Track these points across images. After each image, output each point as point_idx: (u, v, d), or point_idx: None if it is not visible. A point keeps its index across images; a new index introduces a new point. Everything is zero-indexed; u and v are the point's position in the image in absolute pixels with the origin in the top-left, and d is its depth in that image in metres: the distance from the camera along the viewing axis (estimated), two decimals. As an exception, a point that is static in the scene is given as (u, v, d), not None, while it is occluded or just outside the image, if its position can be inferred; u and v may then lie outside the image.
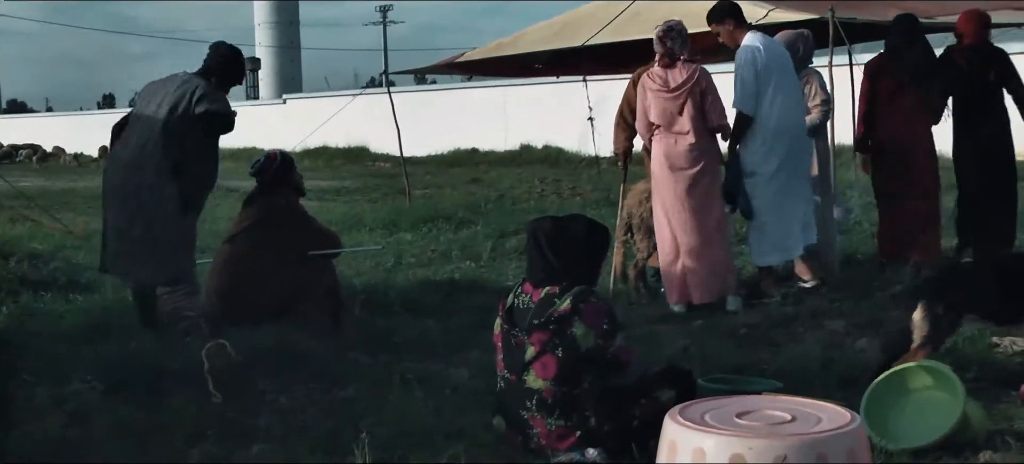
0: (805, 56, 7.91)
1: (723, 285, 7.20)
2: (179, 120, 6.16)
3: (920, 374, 4.56)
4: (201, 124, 6.19)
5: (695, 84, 7.02)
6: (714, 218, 7.18)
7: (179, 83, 6.33)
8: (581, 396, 4.16)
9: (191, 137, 6.18)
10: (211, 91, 6.28)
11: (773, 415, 3.57)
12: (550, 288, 4.25)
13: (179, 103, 6.20)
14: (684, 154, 7.07)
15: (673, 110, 7.06)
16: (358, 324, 6.56)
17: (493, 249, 9.94)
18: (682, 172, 7.10)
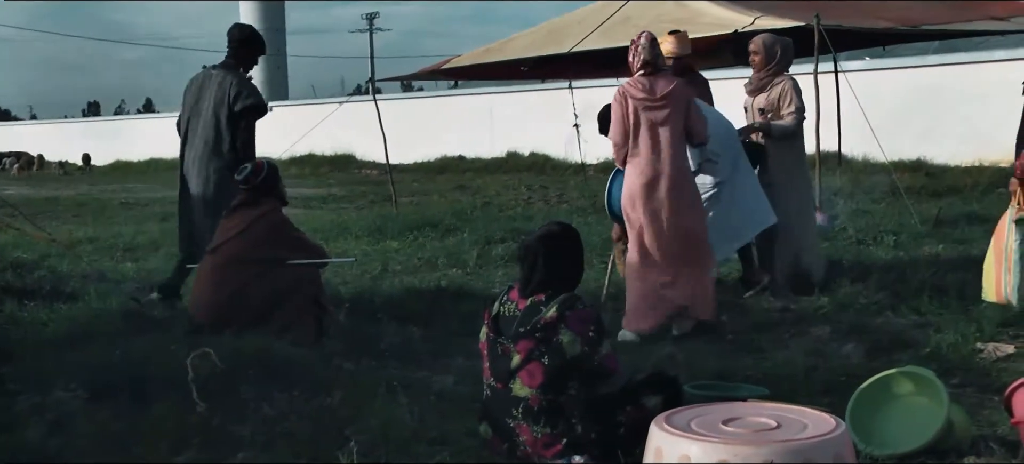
0: (783, 62, 7.80)
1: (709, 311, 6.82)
2: (227, 117, 7.14)
3: (904, 380, 4.57)
4: (242, 117, 7.15)
5: (681, 95, 6.69)
6: (701, 241, 6.84)
7: (216, 82, 7.20)
8: (567, 403, 4.16)
9: (238, 128, 7.18)
10: (243, 84, 7.20)
11: (758, 422, 3.57)
12: (536, 296, 4.25)
13: (222, 101, 7.14)
14: (676, 173, 6.68)
15: (657, 121, 6.66)
16: (343, 331, 6.54)
17: (479, 256, 9.94)
18: (679, 189, 6.71)
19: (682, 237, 6.73)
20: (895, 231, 10.37)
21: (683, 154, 6.77)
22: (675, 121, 6.65)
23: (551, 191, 18.01)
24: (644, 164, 6.70)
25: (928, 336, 6.28)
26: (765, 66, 7.75)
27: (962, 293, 7.16)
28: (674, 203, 6.68)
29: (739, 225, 7.54)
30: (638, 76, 6.74)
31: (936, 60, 19.18)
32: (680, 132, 6.68)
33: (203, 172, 7.25)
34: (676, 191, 6.68)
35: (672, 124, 6.64)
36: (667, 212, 6.68)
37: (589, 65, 12.56)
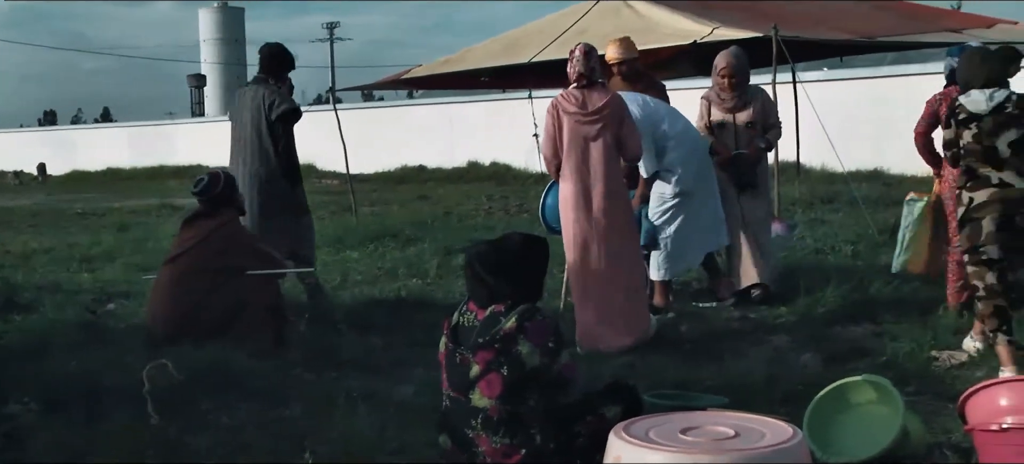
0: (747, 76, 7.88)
1: (638, 328, 6.65)
2: (267, 126, 7.52)
3: (862, 389, 4.61)
4: (280, 125, 7.53)
5: (615, 110, 6.53)
6: (632, 258, 6.75)
7: (252, 95, 7.64)
8: (526, 414, 4.15)
9: (277, 135, 7.54)
10: (275, 93, 7.59)
11: (717, 431, 3.59)
12: (495, 307, 4.24)
13: (261, 112, 7.53)
14: (603, 185, 6.54)
15: (589, 135, 6.52)
16: (302, 342, 6.51)
17: (440, 266, 9.93)
18: (595, 209, 6.56)
19: (614, 254, 6.60)
20: (853, 240, 10.45)
21: (616, 169, 6.63)
22: (607, 136, 6.52)
23: (512, 201, 18.01)
24: (575, 178, 6.58)
25: (884, 345, 6.33)
26: (744, 84, 7.78)
27: (918, 302, 7.23)
28: (604, 220, 6.56)
29: (691, 246, 7.58)
30: (571, 89, 6.61)
31: (892, 71, 19.39)
32: (612, 147, 6.55)
33: (254, 181, 7.51)
34: (607, 208, 6.56)
35: (603, 138, 6.52)
36: (598, 228, 6.57)
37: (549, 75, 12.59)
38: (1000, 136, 5.67)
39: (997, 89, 5.73)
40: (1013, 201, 5.65)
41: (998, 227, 5.67)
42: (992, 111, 5.68)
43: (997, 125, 5.67)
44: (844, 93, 18.65)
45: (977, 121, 5.72)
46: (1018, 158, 5.66)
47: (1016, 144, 5.66)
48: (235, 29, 68.84)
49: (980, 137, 5.71)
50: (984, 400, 4.19)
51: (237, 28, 69.09)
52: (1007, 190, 5.65)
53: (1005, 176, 5.66)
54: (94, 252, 11.88)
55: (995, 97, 5.69)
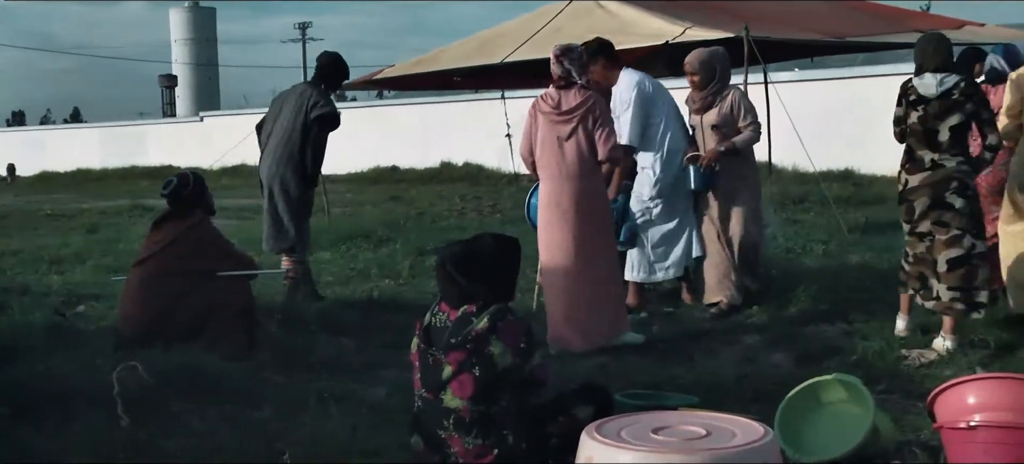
0: (725, 75, 7.59)
1: (609, 330, 6.66)
2: (302, 124, 7.83)
3: (833, 387, 4.63)
4: (316, 126, 7.84)
5: (588, 110, 6.50)
6: (604, 260, 6.70)
7: (298, 93, 7.98)
8: (499, 415, 4.15)
9: (311, 136, 7.85)
10: (320, 97, 7.89)
11: (688, 430, 3.59)
12: (467, 307, 4.23)
13: (300, 110, 7.86)
14: (576, 188, 6.54)
15: (562, 135, 6.52)
16: (274, 344, 6.48)
17: (412, 267, 9.92)
18: (579, 205, 6.56)
19: (585, 256, 6.59)
20: (824, 240, 10.53)
21: (590, 169, 6.59)
22: (580, 135, 6.50)
23: (484, 201, 18.01)
24: (549, 177, 6.62)
25: (855, 344, 6.37)
26: (708, 84, 7.46)
27: (888, 301, 7.27)
28: (576, 220, 6.57)
29: (669, 257, 7.59)
30: (549, 89, 6.64)
31: (863, 71, 19.52)
32: (586, 147, 6.52)
33: (281, 176, 7.92)
34: (578, 208, 6.56)
35: (576, 138, 6.51)
36: (569, 229, 6.57)
37: (521, 76, 12.61)
38: (943, 120, 6.04)
39: (947, 75, 6.05)
40: (941, 180, 6.07)
41: (930, 206, 6.12)
42: (940, 96, 6.03)
43: (942, 109, 6.03)
44: (816, 94, 18.75)
45: (924, 104, 6.08)
46: (955, 142, 6.06)
47: (956, 128, 6.04)
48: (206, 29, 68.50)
49: (925, 119, 6.08)
50: (952, 398, 4.22)
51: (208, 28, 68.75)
52: (938, 171, 6.07)
53: (937, 157, 6.08)
54: (64, 254, 11.78)
55: (945, 82, 6.02)
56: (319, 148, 7.95)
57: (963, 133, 6.08)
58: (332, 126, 7.97)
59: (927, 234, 6.17)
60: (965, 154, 6.12)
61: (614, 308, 6.75)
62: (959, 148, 6.08)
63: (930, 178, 6.11)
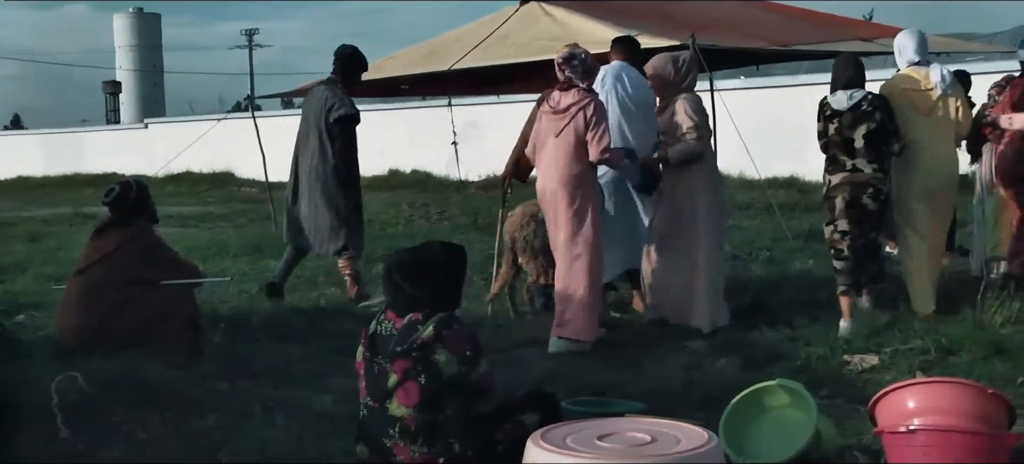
0: (681, 81, 7.31)
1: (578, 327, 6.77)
2: (326, 126, 8.12)
3: (776, 393, 4.68)
4: (337, 127, 8.11)
5: (581, 110, 6.69)
6: (579, 254, 6.79)
7: (319, 95, 8.22)
8: (444, 423, 4.15)
9: (340, 139, 8.14)
10: (336, 98, 8.12)
11: (633, 437, 3.62)
12: (413, 315, 4.22)
13: (322, 113, 8.12)
14: (558, 183, 6.76)
15: (554, 130, 6.77)
16: (218, 352, 6.42)
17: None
18: (559, 201, 6.79)
19: (565, 249, 6.79)
20: (769, 246, 10.62)
21: (575, 167, 6.72)
22: (569, 133, 6.71)
23: (433, 209, 17.96)
24: (542, 173, 6.92)
25: (799, 349, 6.43)
26: (661, 89, 7.35)
27: (832, 307, 7.35)
28: (554, 214, 6.81)
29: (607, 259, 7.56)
30: (555, 90, 6.91)
31: (808, 80, 19.70)
32: (574, 145, 6.71)
33: (312, 176, 8.21)
34: (557, 202, 6.78)
35: (565, 136, 6.73)
36: (554, 222, 6.85)
37: (469, 83, 12.60)
38: (856, 129, 6.87)
39: (856, 89, 6.93)
40: (860, 183, 6.88)
41: (848, 205, 6.92)
42: (850, 108, 6.88)
43: (854, 120, 6.87)
44: (761, 101, 18.92)
45: (838, 116, 6.92)
46: (870, 148, 6.86)
47: (869, 136, 6.85)
48: (151, 35, 67.77)
49: (841, 130, 6.91)
50: (893, 403, 4.28)
51: (153, 34, 68.03)
52: (856, 174, 6.89)
53: (857, 162, 6.89)
54: (4, 262, 11.58)
55: (854, 96, 6.90)
56: (346, 147, 8.20)
57: (876, 140, 6.85)
58: (353, 124, 8.21)
59: (847, 232, 6.95)
60: (879, 160, 6.89)
61: (581, 309, 6.79)
62: (874, 154, 6.87)
63: (850, 178, 6.90)
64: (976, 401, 4.18)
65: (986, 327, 6.28)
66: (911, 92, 7.08)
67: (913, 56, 7.22)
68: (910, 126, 7.00)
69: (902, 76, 7.22)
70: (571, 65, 6.77)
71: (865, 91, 6.92)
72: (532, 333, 7.24)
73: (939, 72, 7.11)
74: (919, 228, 7.15)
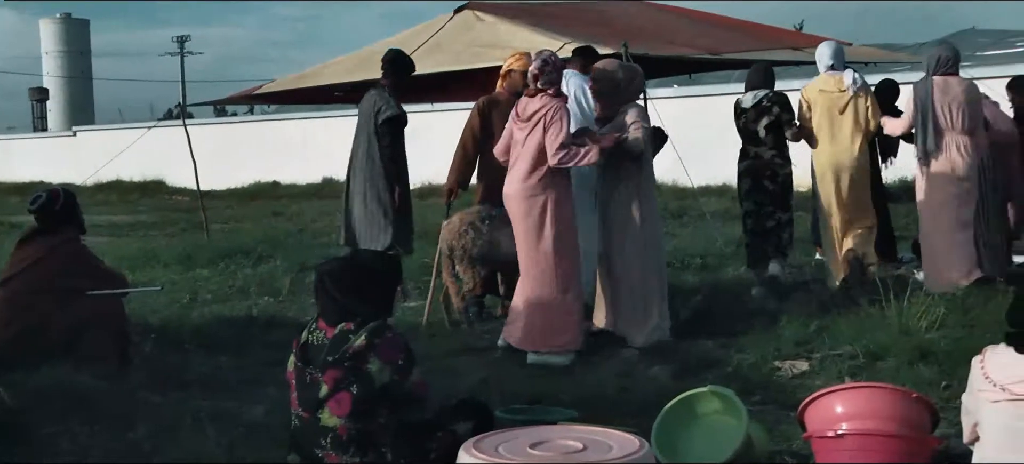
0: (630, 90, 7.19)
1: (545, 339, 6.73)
2: (375, 129, 8.31)
3: (708, 400, 4.71)
4: (384, 128, 8.27)
5: (543, 115, 6.70)
6: (542, 259, 6.74)
7: (369, 99, 8.45)
8: (377, 432, 4.12)
9: (386, 140, 8.28)
10: (382, 102, 8.31)
11: (565, 445, 3.63)
12: (345, 324, 4.20)
13: (371, 116, 8.35)
14: (518, 189, 6.78)
15: (520, 139, 6.82)
16: (148, 362, 6.34)
17: (292, 284, 9.80)
18: (516, 208, 6.83)
19: (525, 257, 6.80)
20: (701, 254, 10.71)
21: (535, 174, 6.73)
22: (532, 140, 6.75)
23: (367, 217, 17.86)
24: (509, 179, 6.92)
25: (731, 356, 6.50)
26: (606, 96, 7.16)
27: (763, 314, 7.44)
28: (518, 222, 6.83)
29: None
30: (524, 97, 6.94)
31: (739, 88, 19.87)
32: (535, 152, 6.73)
33: (362, 177, 8.42)
34: (516, 211, 6.82)
35: (528, 142, 6.76)
36: (519, 227, 6.84)
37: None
38: (759, 122, 8.39)
39: (759, 90, 8.50)
40: (762, 167, 8.39)
41: (751, 187, 8.45)
42: (754, 105, 8.45)
43: (757, 114, 8.42)
44: (694, 109, 19.09)
45: (745, 113, 8.50)
46: (771, 137, 8.35)
47: (769, 127, 8.35)
48: (80, 41, 66.58)
49: (747, 123, 8.47)
50: (821, 408, 4.35)
51: (82, 40, 66.83)
52: (759, 160, 8.40)
53: (759, 150, 8.41)
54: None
55: (757, 96, 8.47)
56: (393, 148, 8.32)
57: (777, 131, 8.34)
58: (399, 126, 8.33)
59: (752, 212, 8.45)
60: (778, 147, 8.39)
61: (544, 319, 6.73)
62: (773, 142, 8.36)
63: (753, 164, 8.43)
64: (901, 405, 4.26)
65: (912, 333, 6.39)
66: (828, 93, 8.35)
67: (829, 61, 8.48)
68: (827, 121, 8.31)
69: (821, 79, 8.51)
70: (545, 72, 6.75)
71: (767, 91, 8.46)
72: (466, 342, 7.24)
73: (851, 76, 8.37)
74: (833, 209, 8.31)
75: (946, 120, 7.86)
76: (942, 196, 7.90)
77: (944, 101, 7.86)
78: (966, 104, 7.88)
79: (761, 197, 8.39)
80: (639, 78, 7.33)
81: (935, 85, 7.91)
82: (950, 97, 7.87)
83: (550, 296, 6.73)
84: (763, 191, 8.37)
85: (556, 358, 6.67)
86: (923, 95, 7.92)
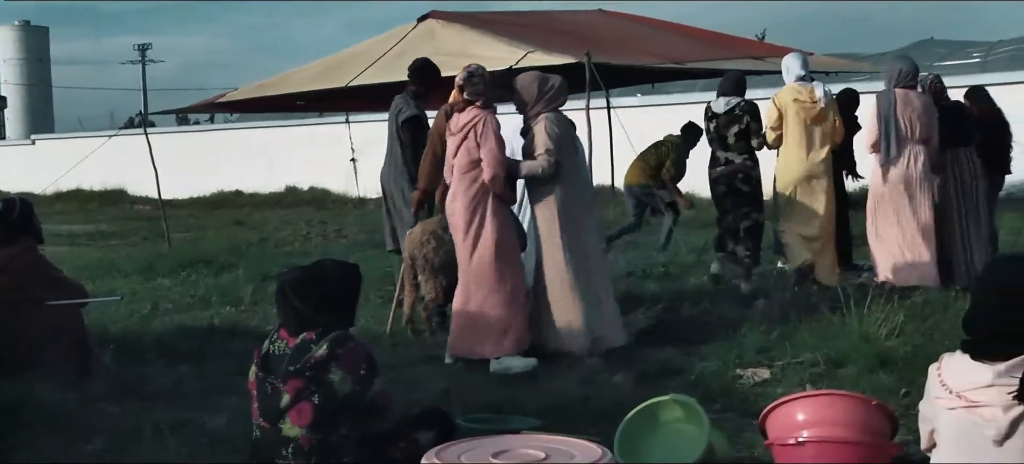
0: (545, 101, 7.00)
1: (492, 344, 6.76)
2: (396, 132, 8.54)
3: (670, 408, 4.72)
4: (405, 129, 8.47)
5: (472, 129, 6.73)
6: (479, 269, 6.80)
7: (394, 104, 8.61)
8: (339, 442, 4.11)
9: (406, 140, 8.44)
10: (403, 104, 8.49)
11: (527, 454, 3.63)
12: (306, 334, 4.18)
13: (393, 121, 8.57)
14: (453, 201, 6.85)
15: (451, 151, 6.88)
16: (107, 373, 6.28)
17: (254, 293, 9.74)
18: (452, 220, 6.91)
19: (465, 263, 6.83)
20: (664, 262, 10.75)
21: (469, 187, 6.77)
22: (462, 153, 6.79)
23: (330, 226, 17.83)
24: (451, 196, 6.94)
25: (693, 364, 6.51)
26: (520, 108, 7.07)
27: (725, 322, 7.47)
28: (462, 233, 6.84)
29: None
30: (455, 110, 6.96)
31: (702, 98, 19.96)
32: (467, 165, 6.77)
33: (397, 184, 8.57)
34: (456, 223, 6.84)
35: (460, 156, 6.81)
36: (459, 240, 6.88)
37: (366, 100, 12.52)
38: (729, 128, 8.68)
39: (731, 98, 8.74)
40: (733, 172, 8.71)
41: (726, 192, 8.79)
42: (726, 112, 8.71)
43: (728, 121, 8.69)
44: (657, 118, 19.13)
45: (717, 118, 8.75)
46: (741, 143, 8.66)
47: (738, 134, 8.65)
48: (39, 49, 65.91)
49: (718, 128, 8.74)
50: (782, 416, 4.37)
51: (41, 48, 66.16)
52: (730, 165, 8.72)
53: (730, 155, 8.72)
54: None
55: (730, 103, 8.71)
56: (415, 148, 8.37)
57: (746, 137, 8.62)
58: (418, 126, 8.45)
59: (727, 211, 8.81)
60: (748, 152, 8.68)
61: (488, 324, 6.77)
62: (744, 147, 8.65)
63: (725, 171, 8.75)
64: (861, 413, 4.30)
65: (872, 340, 6.43)
66: (802, 102, 8.68)
67: (800, 71, 8.83)
68: (797, 129, 8.68)
69: (792, 89, 8.78)
70: (472, 83, 6.81)
71: (739, 99, 8.71)
72: (429, 351, 7.22)
73: (821, 89, 8.71)
74: (799, 213, 8.74)
75: (906, 130, 8.53)
76: (899, 199, 8.57)
77: (905, 112, 8.52)
78: (923, 115, 8.56)
79: (737, 200, 8.76)
80: (553, 88, 7.06)
81: (897, 97, 8.53)
82: (911, 109, 8.54)
83: (493, 302, 6.78)
84: (738, 194, 8.74)
85: (516, 362, 6.68)
86: (886, 107, 8.52)
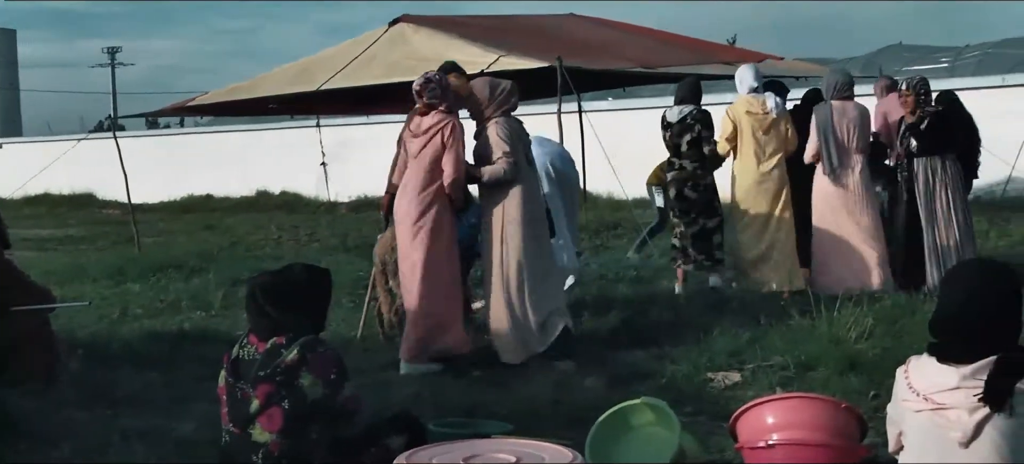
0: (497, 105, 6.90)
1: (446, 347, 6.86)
2: None
3: (642, 411, 4.74)
4: None
5: (438, 132, 6.75)
6: (437, 275, 6.80)
7: None
8: (309, 447, 4.09)
9: None
10: None
11: (499, 458, 3.63)
12: (277, 339, 4.16)
13: None
14: (408, 204, 6.80)
15: (412, 153, 6.86)
16: (75, 379, 6.22)
17: (225, 298, 9.67)
18: (403, 224, 6.85)
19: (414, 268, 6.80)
20: (636, 266, 10.76)
21: (429, 189, 6.78)
22: (425, 155, 6.80)
23: (302, 230, 17.76)
24: (401, 193, 6.92)
25: (664, 367, 6.52)
26: (474, 112, 6.95)
27: (696, 325, 7.48)
28: (402, 233, 6.85)
29: None
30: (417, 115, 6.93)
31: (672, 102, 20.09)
32: (428, 166, 6.78)
33: None
34: (407, 222, 6.81)
35: (421, 157, 6.81)
36: (414, 242, 6.80)
37: (338, 103, 12.51)
38: (682, 137, 8.99)
39: (686, 106, 9.02)
40: (685, 178, 9.04)
41: (676, 196, 9.12)
42: (678, 121, 9.02)
43: (681, 129, 9.00)
44: (629, 122, 19.19)
45: (671, 127, 9.07)
46: (693, 151, 8.96)
47: (691, 142, 8.95)
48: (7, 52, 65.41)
49: (672, 137, 9.07)
50: (752, 419, 4.39)
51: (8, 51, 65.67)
52: (682, 172, 9.05)
53: (683, 162, 9.04)
54: None
55: (683, 111, 9.01)
56: None
57: (698, 145, 8.91)
58: None
59: (679, 217, 9.09)
60: (700, 160, 8.96)
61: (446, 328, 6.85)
62: (695, 155, 8.94)
63: (677, 177, 9.09)
64: (830, 415, 4.33)
65: (841, 343, 6.47)
66: (753, 114, 8.95)
67: (752, 83, 9.07)
68: (750, 140, 8.92)
69: (744, 101, 9.04)
70: (429, 89, 6.84)
71: (692, 107, 8.99)
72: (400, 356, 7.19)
73: (772, 100, 8.97)
74: (756, 221, 8.93)
75: (844, 140, 8.79)
76: (838, 207, 8.82)
77: (841, 123, 8.79)
78: (859, 124, 8.85)
79: (685, 205, 9.04)
80: (504, 91, 6.95)
81: (833, 109, 8.82)
82: (847, 119, 8.81)
83: (438, 305, 6.84)
84: (686, 200, 9.03)
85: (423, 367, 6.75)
86: (824, 119, 8.79)
